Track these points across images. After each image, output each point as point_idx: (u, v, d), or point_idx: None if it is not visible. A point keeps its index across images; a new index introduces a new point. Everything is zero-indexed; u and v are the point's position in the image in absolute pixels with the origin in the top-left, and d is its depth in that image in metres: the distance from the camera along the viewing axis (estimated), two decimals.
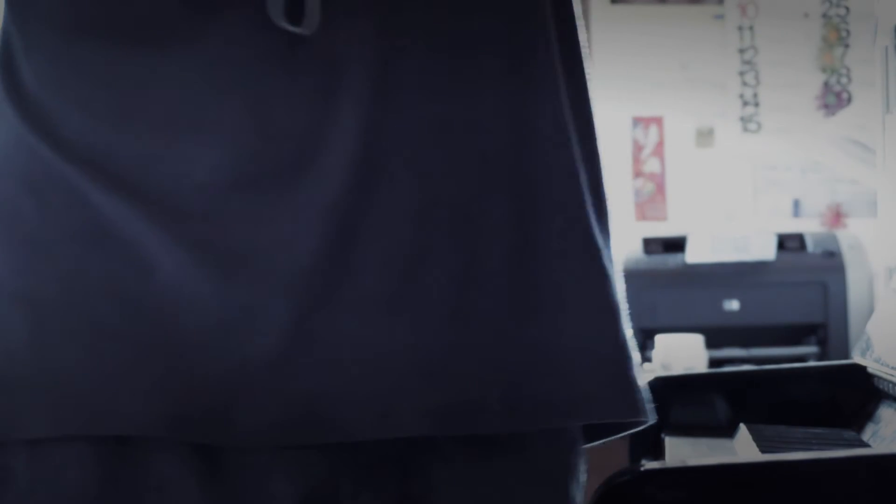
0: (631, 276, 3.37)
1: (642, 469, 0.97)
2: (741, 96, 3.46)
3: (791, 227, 3.35)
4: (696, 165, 3.46)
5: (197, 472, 0.89)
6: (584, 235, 1.03)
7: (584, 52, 1.03)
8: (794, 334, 3.06)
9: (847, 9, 3.44)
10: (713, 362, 2.89)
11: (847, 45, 3.44)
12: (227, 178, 0.88)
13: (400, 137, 0.90)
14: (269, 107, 0.89)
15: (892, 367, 1.42)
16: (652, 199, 3.46)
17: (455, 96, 0.93)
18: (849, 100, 3.43)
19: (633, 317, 2.85)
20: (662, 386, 1.55)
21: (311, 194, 0.88)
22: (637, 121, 3.46)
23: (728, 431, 1.48)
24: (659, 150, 3.46)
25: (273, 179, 0.88)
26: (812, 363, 2.86)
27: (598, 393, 0.96)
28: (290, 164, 0.89)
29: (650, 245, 3.16)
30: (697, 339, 2.85)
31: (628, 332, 1.02)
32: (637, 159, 3.46)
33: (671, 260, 3.11)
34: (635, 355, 1.01)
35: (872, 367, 1.50)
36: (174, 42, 0.89)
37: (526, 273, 0.95)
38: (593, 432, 1.02)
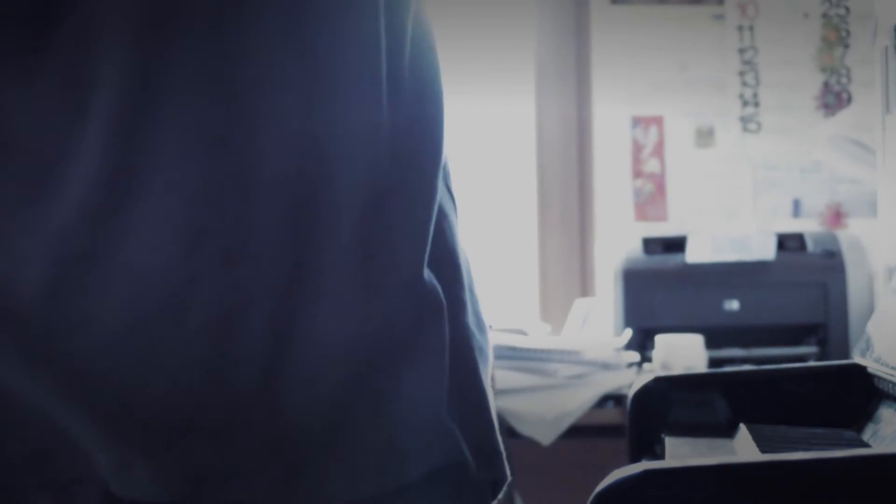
0: (631, 276, 3.39)
1: (642, 469, 0.97)
2: (741, 96, 3.46)
3: (791, 227, 3.35)
4: (696, 165, 3.46)
5: None
6: (408, 281, 0.86)
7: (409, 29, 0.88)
8: (794, 334, 3.06)
9: (847, 9, 3.44)
10: (713, 362, 2.89)
11: (847, 45, 3.44)
12: None
13: (161, 154, 0.79)
14: (3, 117, 0.79)
15: (892, 367, 1.42)
16: (652, 199, 3.46)
17: (230, 103, 0.80)
18: (849, 100, 3.43)
19: (633, 317, 2.87)
20: (662, 386, 1.56)
21: (45, 215, 0.78)
22: (637, 121, 3.46)
23: (728, 431, 1.48)
24: (659, 150, 3.46)
25: (6, 198, 0.79)
26: (812, 363, 2.86)
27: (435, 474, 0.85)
28: (27, 181, 0.79)
29: (650, 245, 3.16)
30: (697, 339, 2.85)
31: (490, 400, 0.90)
32: (637, 159, 3.46)
33: (671, 260, 3.11)
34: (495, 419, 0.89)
35: (872, 367, 1.50)
36: None
37: (300, 327, 0.81)
38: None
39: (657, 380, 1.56)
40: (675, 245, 3.15)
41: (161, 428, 0.80)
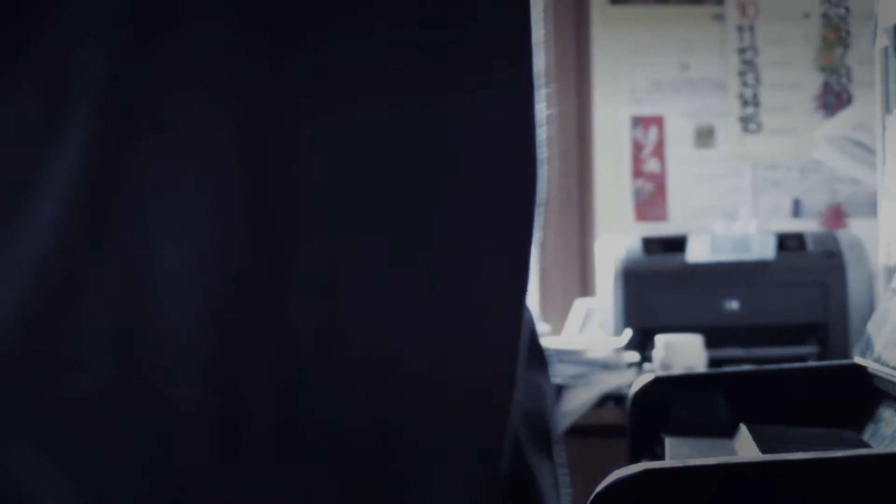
0: (631, 276, 3.39)
1: (642, 469, 0.97)
2: (741, 96, 3.46)
3: (791, 227, 3.35)
4: (696, 165, 3.46)
5: None
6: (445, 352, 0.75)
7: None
8: (794, 334, 3.05)
9: (847, 9, 3.44)
10: (713, 362, 2.89)
11: (847, 45, 3.44)
12: None
13: (150, 181, 0.70)
14: None
15: (892, 367, 1.42)
16: (652, 199, 3.46)
17: (233, 125, 0.70)
18: (849, 100, 3.43)
19: (633, 317, 2.88)
20: (662, 386, 1.56)
21: (12, 243, 0.70)
22: (637, 121, 3.46)
23: (728, 431, 1.48)
24: (659, 150, 3.46)
25: None
26: (812, 363, 2.86)
27: None
28: (2, 208, 0.70)
29: (650, 245, 3.16)
30: (697, 339, 2.85)
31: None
32: (637, 159, 3.46)
33: (671, 260, 3.11)
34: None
35: (872, 367, 1.50)
36: None
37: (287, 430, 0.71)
38: None
39: (657, 380, 1.56)
40: (675, 245, 3.15)
41: (151, 492, 0.70)
